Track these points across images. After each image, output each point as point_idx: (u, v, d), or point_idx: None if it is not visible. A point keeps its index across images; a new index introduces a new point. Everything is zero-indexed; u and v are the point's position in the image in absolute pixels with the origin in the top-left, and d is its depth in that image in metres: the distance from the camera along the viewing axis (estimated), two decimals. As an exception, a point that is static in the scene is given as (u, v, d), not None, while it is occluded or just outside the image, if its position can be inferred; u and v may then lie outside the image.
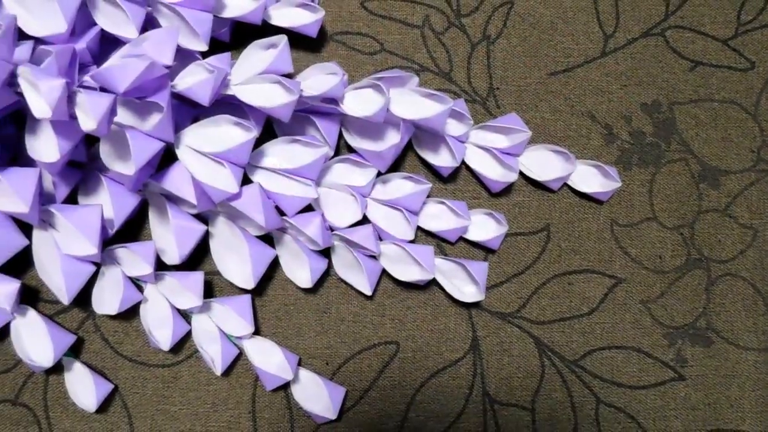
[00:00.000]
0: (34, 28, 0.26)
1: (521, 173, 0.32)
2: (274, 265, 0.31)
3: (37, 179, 0.26)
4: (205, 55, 0.29)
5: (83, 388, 0.29)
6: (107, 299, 0.29)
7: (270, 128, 0.31)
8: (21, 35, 0.26)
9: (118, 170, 0.26)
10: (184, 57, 0.29)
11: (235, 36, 0.32)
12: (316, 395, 0.29)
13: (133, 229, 0.31)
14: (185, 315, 0.30)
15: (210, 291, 0.31)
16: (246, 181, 0.28)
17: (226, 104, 0.29)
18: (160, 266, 0.29)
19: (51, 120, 0.25)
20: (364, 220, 0.30)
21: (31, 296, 0.31)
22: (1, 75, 0.24)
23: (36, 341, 0.28)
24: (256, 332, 0.31)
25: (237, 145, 0.27)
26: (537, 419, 0.31)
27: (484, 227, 0.31)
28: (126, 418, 0.30)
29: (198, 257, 0.31)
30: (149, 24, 0.29)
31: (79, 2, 0.26)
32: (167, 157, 0.28)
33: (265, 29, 0.31)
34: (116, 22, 0.28)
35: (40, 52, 0.26)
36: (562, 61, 0.34)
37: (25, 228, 0.27)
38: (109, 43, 0.28)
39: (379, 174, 0.31)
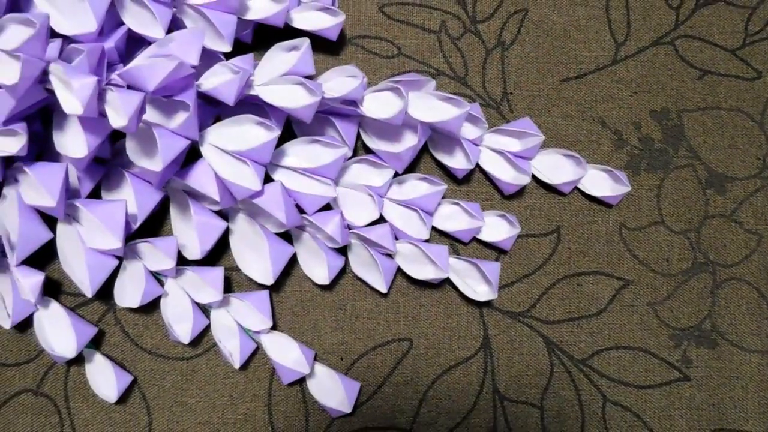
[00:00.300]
0: (64, 27, 0.27)
1: (533, 176, 0.33)
2: (292, 261, 0.31)
3: (64, 174, 0.26)
4: (227, 56, 0.30)
5: (104, 379, 0.30)
6: (129, 293, 0.29)
7: (289, 128, 0.32)
8: (51, 34, 0.27)
9: (145, 166, 0.27)
10: (207, 57, 0.29)
11: (256, 37, 0.33)
12: (332, 389, 0.30)
13: (154, 224, 0.32)
14: (204, 309, 0.30)
15: (229, 286, 0.32)
16: (267, 179, 0.29)
17: (247, 104, 0.30)
18: (181, 261, 0.30)
19: (80, 117, 0.26)
20: (381, 220, 0.31)
21: (54, 289, 0.31)
22: (33, 72, 0.25)
23: (59, 332, 0.29)
24: (273, 327, 0.31)
25: (260, 144, 0.27)
26: (545, 416, 0.31)
27: (497, 228, 0.32)
28: (145, 409, 0.31)
29: (217, 253, 0.32)
30: (174, 25, 0.29)
31: (108, 2, 0.27)
32: (189, 155, 0.29)
33: (286, 32, 0.31)
34: (143, 23, 0.28)
35: (69, 50, 0.26)
36: (574, 67, 0.34)
37: (49, 221, 0.28)
38: (134, 43, 0.29)
39: (395, 175, 0.31)
